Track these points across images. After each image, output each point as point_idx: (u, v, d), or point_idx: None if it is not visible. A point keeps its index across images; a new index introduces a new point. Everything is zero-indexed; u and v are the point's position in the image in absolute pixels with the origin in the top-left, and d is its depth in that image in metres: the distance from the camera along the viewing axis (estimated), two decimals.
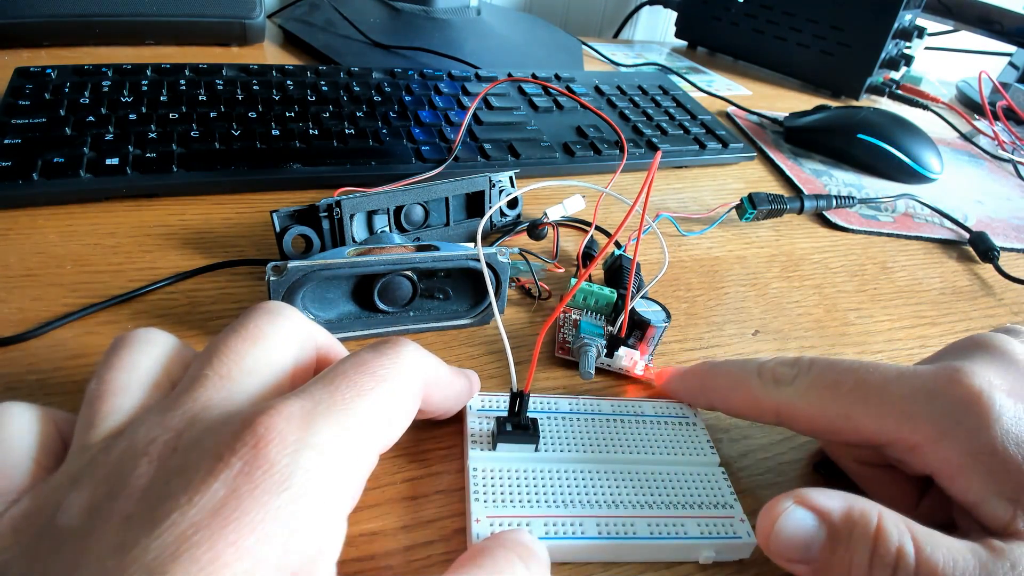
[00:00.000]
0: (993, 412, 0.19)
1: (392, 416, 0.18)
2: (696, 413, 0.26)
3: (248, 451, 0.14)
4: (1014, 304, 0.39)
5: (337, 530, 0.15)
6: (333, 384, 0.17)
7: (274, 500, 0.14)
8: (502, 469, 0.22)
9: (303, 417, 0.15)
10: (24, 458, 0.16)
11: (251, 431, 0.14)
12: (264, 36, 0.58)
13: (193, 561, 0.12)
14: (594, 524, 0.21)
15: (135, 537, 0.13)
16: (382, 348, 0.18)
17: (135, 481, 0.14)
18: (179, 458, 0.15)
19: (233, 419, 0.15)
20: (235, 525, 0.13)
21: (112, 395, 0.17)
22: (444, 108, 0.46)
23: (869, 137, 0.51)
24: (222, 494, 0.13)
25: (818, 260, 0.40)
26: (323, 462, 0.15)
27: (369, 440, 0.17)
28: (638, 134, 0.48)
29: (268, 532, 0.13)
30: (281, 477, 0.14)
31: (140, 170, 0.34)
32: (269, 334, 0.18)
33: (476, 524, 0.20)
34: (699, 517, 0.21)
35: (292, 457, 0.14)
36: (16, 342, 0.25)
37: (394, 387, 0.18)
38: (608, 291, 0.30)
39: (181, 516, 0.13)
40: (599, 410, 0.25)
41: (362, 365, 0.18)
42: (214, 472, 0.14)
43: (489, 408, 0.24)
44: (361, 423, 0.16)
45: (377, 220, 0.32)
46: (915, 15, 0.67)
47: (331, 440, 0.15)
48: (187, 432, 0.15)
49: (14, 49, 0.49)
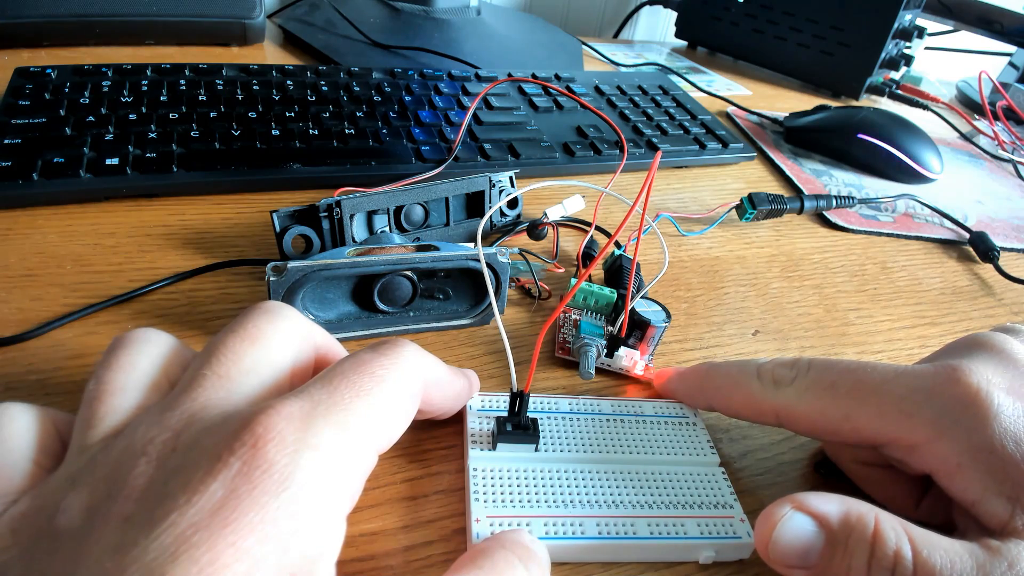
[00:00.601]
0: (992, 409, 0.18)
1: (391, 416, 0.18)
2: (696, 413, 0.26)
3: (247, 451, 0.14)
4: (1014, 304, 0.39)
5: (336, 530, 0.15)
6: (332, 384, 0.17)
7: (273, 500, 0.14)
8: (502, 469, 0.22)
9: (302, 417, 0.15)
10: (23, 459, 0.16)
11: (250, 431, 0.14)
12: (264, 36, 0.58)
13: (192, 562, 0.12)
14: (594, 524, 0.21)
15: (134, 538, 0.13)
16: (381, 348, 0.18)
17: (133, 481, 0.14)
18: (178, 458, 0.15)
19: (232, 419, 0.15)
20: (234, 526, 0.13)
21: (110, 395, 0.17)
22: (444, 108, 0.46)
23: (869, 137, 0.51)
24: (221, 494, 0.13)
25: (818, 260, 0.40)
26: (322, 462, 0.15)
27: (368, 440, 0.16)
28: (638, 134, 0.48)
29: (267, 533, 0.13)
30: (280, 477, 0.14)
31: (140, 170, 0.34)
32: (268, 334, 0.18)
33: (476, 524, 0.20)
34: (699, 517, 0.22)
35: (291, 457, 0.14)
36: (16, 342, 0.25)
37: (393, 387, 0.18)
38: (608, 291, 0.30)
39: (180, 517, 0.13)
40: (599, 410, 0.25)
41: (361, 365, 0.17)
42: (213, 472, 0.14)
43: (489, 408, 0.24)
44: (360, 423, 0.16)
45: (377, 220, 0.32)
46: (915, 15, 0.67)
47: (330, 440, 0.15)
48: (185, 432, 0.15)
49: (14, 49, 0.49)
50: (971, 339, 0.22)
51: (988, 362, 0.20)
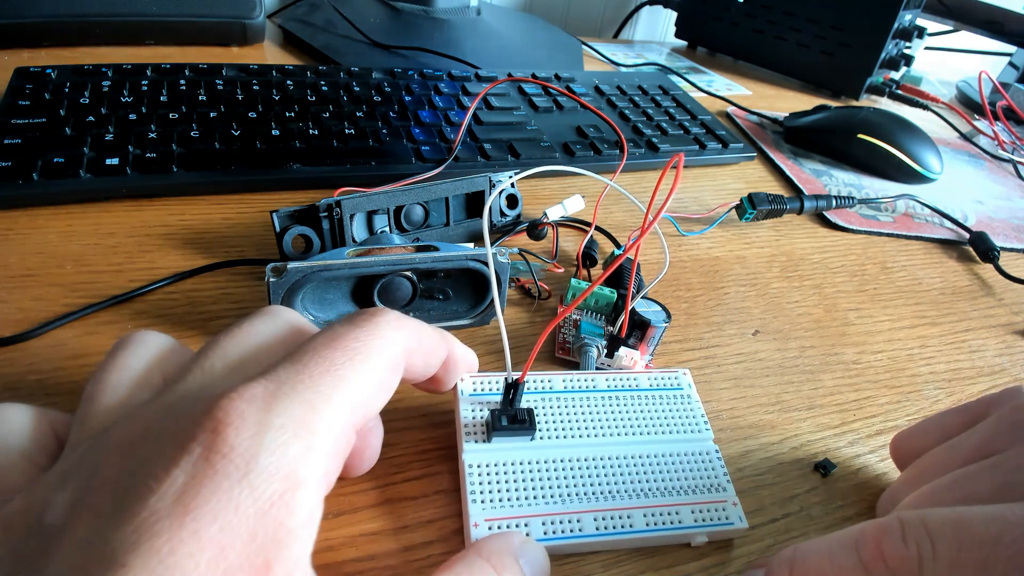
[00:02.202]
0: None
1: (365, 391, 0.17)
2: (690, 384, 0.26)
3: (207, 436, 0.14)
4: (1014, 304, 0.39)
5: (309, 512, 0.14)
6: (301, 361, 0.16)
7: (235, 486, 0.13)
8: (498, 464, 0.22)
9: (266, 398, 0.15)
10: (18, 457, 0.16)
11: (210, 416, 0.14)
12: (264, 36, 0.58)
13: (153, 552, 0.12)
14: (591, 520, 0.21)
15: (101, 531, 0.13)
16: (356, 319, 0.18)
17: (105, 473, 0.14)
18: (146, 448, 0.14)
19: (199, 405, 0.15)
20: (195, 513, 0.13)
21: (103, 394, 0.17)
22: (444, 108, 0.46)
23: (869, 137, 0.51)
24: (181, 481, 0.13)
25: (818, 260, 0.40)
26: (289, 443, 0.14)
27: (339, 417, 0.16)
28: (638, 134, 0.48)
29: (229, 520, 0.13)
30: (242, 461, 0.13)
31: (140, 170, 0.34)
32: (263, 333, 0.18)
33: (475, 529, 0.20)
34: (693, 504, 0.22)
35: (253, 440, 0.14)
36: (16, 342, 0.25)
37: (368, 361, 0.17)
38: (608, 291, 0.30)
39: (142, 506, 0.13)
40: (594, 386, 0.25)
41: (334, 340, 0.17)
42: (175, 460, 0.13)
43: (481, 392, 0.24)
44: (330, 400, 0.15)
45: (377, 220, 0.32)
46: (915, 15, 0.67)
47: (297, 420, 0.15)
48: (157, 422, 0.15)
49: (14, 49, 0.49)
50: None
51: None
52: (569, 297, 0.31)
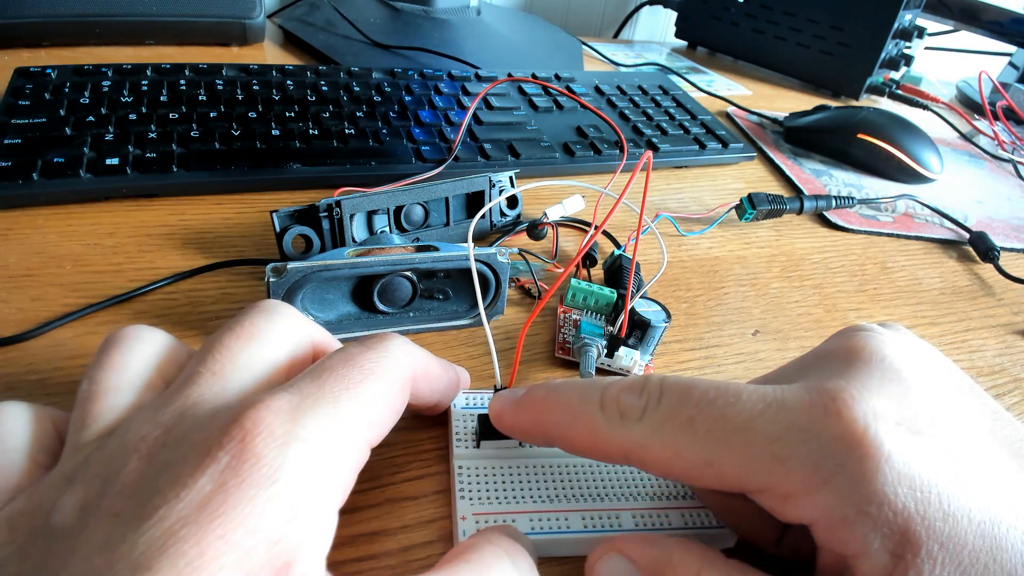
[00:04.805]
0: (881, 452, 0.15)
1: (380, 409, 0.18)
2: None
3: (235, 445, 0.14)
4: (1014, 304, 0.39)
5: (326, 522, 0.15)
6: (321, 378, 0.17)
7: (261, 493, 0.14)
8: (487, 466, 0.22)
9: (291, 410, 0.15)
10: (21, 457, 0.16)
11: (238, 425, 0.14)
12: (264, 36, 0.58)
13: (180, 555, 0.12)
14: (579, 518, 0.21)
15: (123, 533, 0.13)
16: (369, 342, 0.19)
17: (125, 478, 0.14)
18: (168, 454, 0.15)
19: (221, 414, 0.15)
20: (222, 519, 0.13)
21: (103, 395, 0.17)
22: (444, 108, 0.46)
23: (869, 137, 0.51)
24: (209, 488, 0.13)
25: (818, 260, 0.40)
26: (311, 455, 0.15)
27: (357, 433, 0.16)
28: (638, 134, 0.48)
29: (255, 525, 0.13)
30: (269, 470, 0.14)
31: (140, 170, 0.34)
32: (264, 331, 0.18)
33: (462, 522, 0.20)
34: (683, 508, 0.22)
35: (279, 450, 0.14)
36: (16, 342, 0.25)
37: (382, 380, 0.18)
38: (608, 291, 0.30)
39: (168, 511, 0.13)
40: None
41: (349, 359, 0.18)
42: (201, 467, 0.14)
43: (473, 406, 0.24)
44: (349, 416, 0.16)
45: (377, 220, 0.32)
46: (915, 15, 0.67)
47: (319, 433, 0.15)
48: (176, 428, 0.15)
49: (14, 49, 0.49)
50: (844, 345, 0.19)
51: (869, 381, 0.17)
52: (569, 297, 0.31)
